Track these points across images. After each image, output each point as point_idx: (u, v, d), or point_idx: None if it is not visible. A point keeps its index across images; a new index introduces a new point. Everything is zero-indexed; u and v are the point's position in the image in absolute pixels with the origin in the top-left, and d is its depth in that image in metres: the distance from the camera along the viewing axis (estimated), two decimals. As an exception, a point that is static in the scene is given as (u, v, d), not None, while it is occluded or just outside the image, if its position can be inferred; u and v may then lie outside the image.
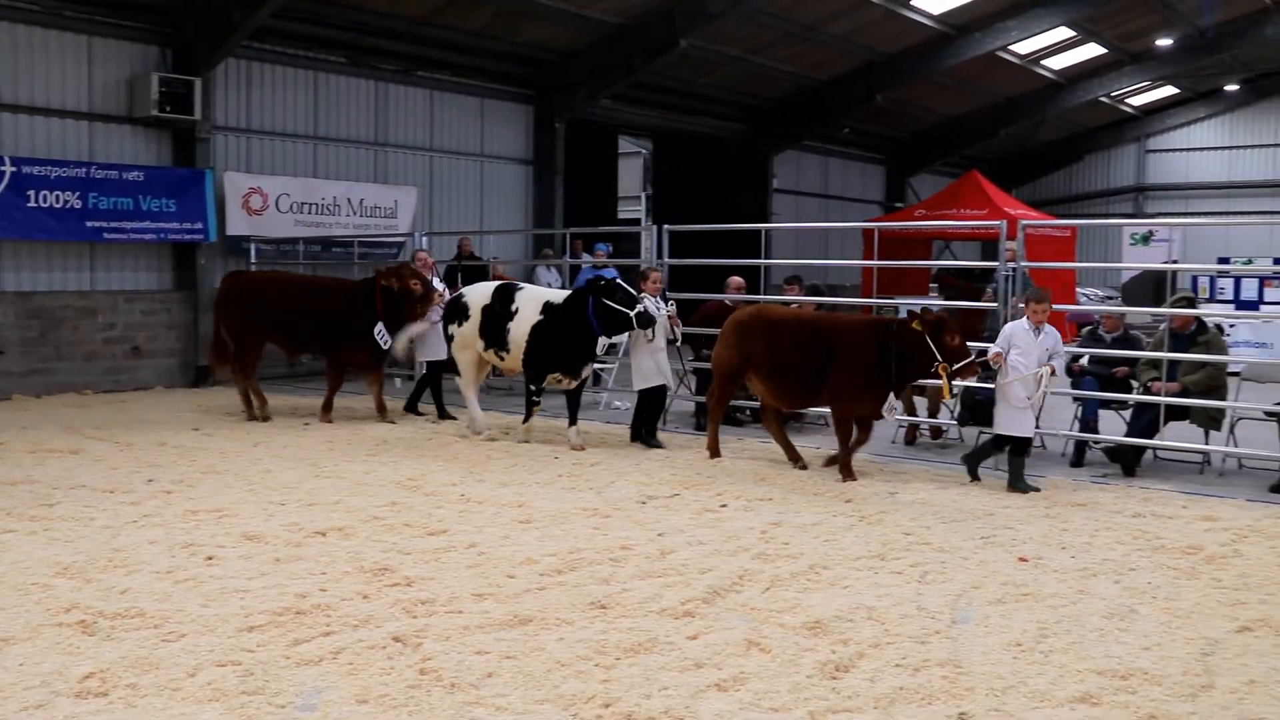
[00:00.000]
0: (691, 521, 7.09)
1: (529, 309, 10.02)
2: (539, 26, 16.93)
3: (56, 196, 12.69)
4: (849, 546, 6.51)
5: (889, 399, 8.48)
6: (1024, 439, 8.36)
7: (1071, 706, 4.25)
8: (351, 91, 16.25)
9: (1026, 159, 31.86)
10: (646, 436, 10.03)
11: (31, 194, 12.47)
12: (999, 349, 8.32)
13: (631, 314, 9.53)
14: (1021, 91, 26.11)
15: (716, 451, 9.39)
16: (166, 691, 4.24)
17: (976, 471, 8.59)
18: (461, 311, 10.40)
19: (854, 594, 5.57)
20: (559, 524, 6.95)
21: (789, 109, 23.09)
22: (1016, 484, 8.23)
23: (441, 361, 11.56)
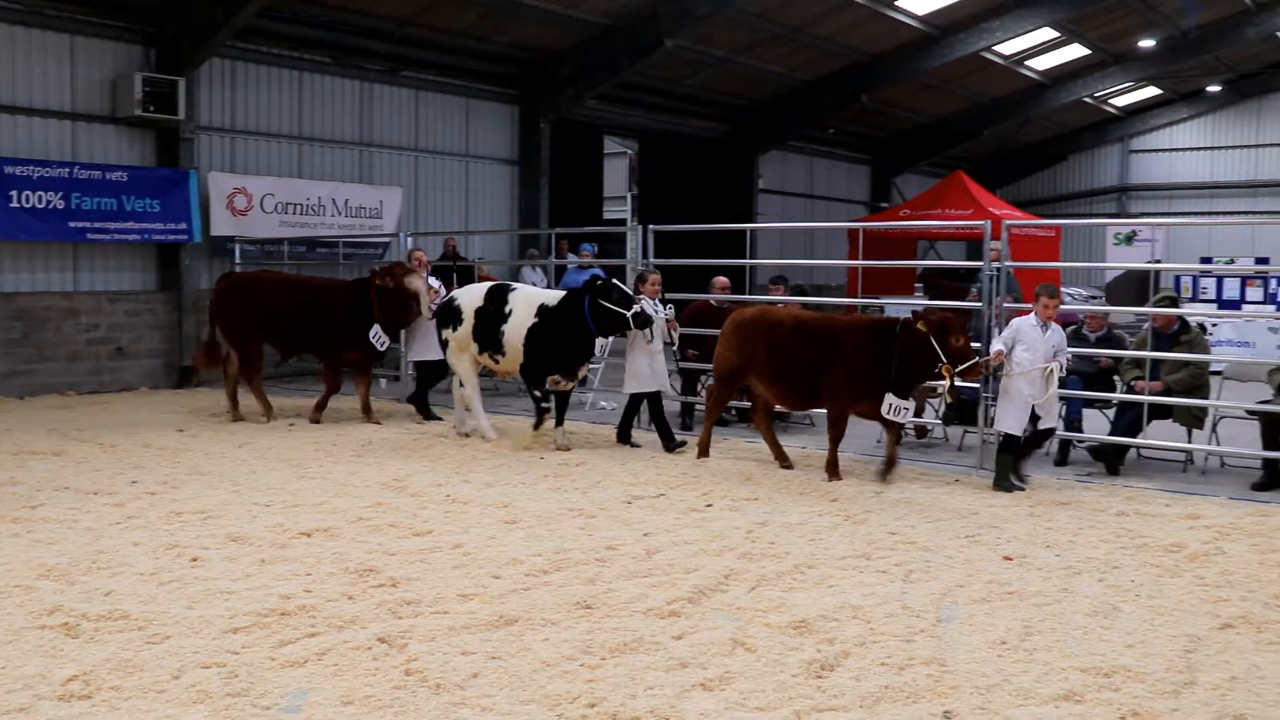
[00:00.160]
0: (677, 521, 7.10)
1: (523, 311, 9.88)
2: (524, 26, 16.91)
3: (39, 197, 12.61)
4: (834, 546, 6.52)
5: (899, 400, 8.32)
6: (1014, 436, 8.31)
7: (1055, 704, 4.28)
8: (336, 91, 16.21)
9: (1011, 159, 32.04)
10: (665, 443, 9.77)
11: (14, 194, 12.39)
12: (1000, 347, 8.28)
13: (628, 314, 9.47)
14: (1006, 92, 26.25)
15: (706, 451, 9.37)
16: (151, 694, 4.22)
17: (1011, 481, 8.29)
18: (454, 315, 10.24)
19: (839, 593, 5.58)
20: (545, 524, 6.95)
21: (774, 109, 23.15)
22: (1001, 482, 8.25)
23: (432, 362, 11.48)
